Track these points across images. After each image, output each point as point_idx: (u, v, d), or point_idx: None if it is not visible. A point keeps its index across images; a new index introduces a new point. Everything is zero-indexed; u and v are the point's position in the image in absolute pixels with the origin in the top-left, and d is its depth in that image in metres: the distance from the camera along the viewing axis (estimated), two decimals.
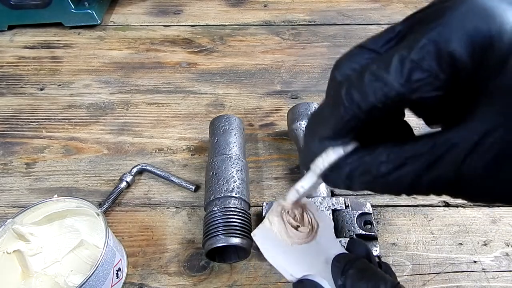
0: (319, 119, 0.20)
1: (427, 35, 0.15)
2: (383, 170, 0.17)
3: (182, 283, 0.39)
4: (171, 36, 0.70)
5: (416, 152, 0.16)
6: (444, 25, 0.15)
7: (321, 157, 0.20)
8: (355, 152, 0.19)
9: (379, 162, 0.18)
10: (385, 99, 0.16)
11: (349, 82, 0.17)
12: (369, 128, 0.19)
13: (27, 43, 0.69)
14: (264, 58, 0.65)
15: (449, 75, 0.15)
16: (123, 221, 0.44)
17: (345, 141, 0.19)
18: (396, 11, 0.74)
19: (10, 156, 0.51)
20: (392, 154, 0.17)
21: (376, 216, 0.44)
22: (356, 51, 0.19)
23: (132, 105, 0.58)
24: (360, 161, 0.18)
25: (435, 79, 0.15)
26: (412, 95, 0.16)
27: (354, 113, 0.17)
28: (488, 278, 0.39)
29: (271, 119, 0.55)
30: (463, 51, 0.15)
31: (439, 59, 0.15)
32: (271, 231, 0.30)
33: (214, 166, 0.42)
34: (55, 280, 0.38)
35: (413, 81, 0.15)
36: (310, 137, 0.21)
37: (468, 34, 0.15)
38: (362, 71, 0.17)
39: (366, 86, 0.16)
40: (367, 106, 0.17)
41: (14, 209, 0.46)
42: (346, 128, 0.18)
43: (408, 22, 0.18)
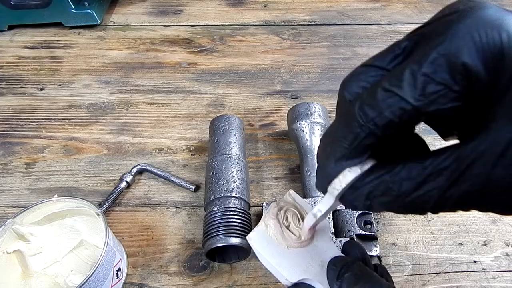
0: (332, 140, 0.20)
1: (436, 49, 0.15)
2: (406, 188, 0.17)
3: (182, 283, 0.39)
4: (171, 36, 0.70)
5: (439, 167, 0.16)
6: (452, 38, 0.15)
7: (338, 179, 0.19)
8: (373, 170, 0.18)
9: (400, 180, 0.17)
10: (401, 114, 0.16)
11: (361, 100, 0.17)
12: (384, 144, 0.18)
13: (27, 43, 0.69)
14: (264, 58, 0.65)
15: (463, 86, 0.15)
16: (123, 221, 0.44)
17: (362, 159, 0.19)
18: (396, 11, 0.74)
19: (10, 156, 0.51)
20: (413, 170, 0.17)
21: (376, 216, 0.44)
22: (362, 69, 0.19)
23: (132, 105, 0.58)
24: (379, 180, 0.18)
25: (450, 91, 0.15)
26: (428, 107, 0.16)
27: (370, 130, 0.17)
28: (488, 278, 0.39)
29: (271, 119, 0.55)
30: (475, 62, 0.15)
31: (452, 71, 0.15)
32: (267, 234, 0.30)
33: (214, 166, 0.42)
34: (55, 280, 0.38)
35: (428, 94, 0.16)
36: (324, 159, 0.20)
37: (478, 45, 0.15)
38: (373, 88, 0.17)
39: (380, 103, 0.16)
40: (383, 121, 0.17)
41: (14, 209, 0.46)
42: (362, 146, 0.18)
43: (413, 38, 0.18)
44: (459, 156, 0.16)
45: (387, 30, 0.70)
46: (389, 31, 0.69)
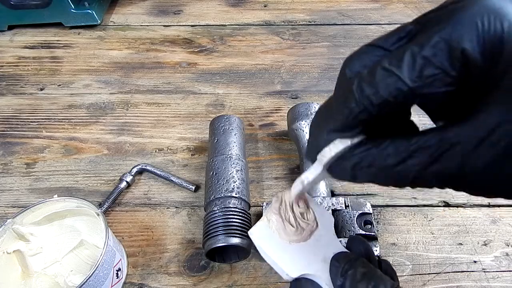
0: (327, 112, 0.21)
1: (439, 33, 0.16)
2: (390, 162, 0.18)
3: (182, 283, 0.39)
4: (171, 36, 0.70)
5: (422, 145, 0.17)
6: (455, 24, 0.16)
7: (329, 147, 0.20)
8: (362, 144, 0.19)
9: (386, 154, 0.18)
10: (397, 94, 0.17)
11: (360, 77, 0.18)
12: (377, 124, 0.19)
13: (27, 43, 0.69)
14: (264, 58, 0.65)
15: (460, 72, 0.16)
16: (123, 221, 0.44)
17: (353, 133, 0.19)
18: (396, 11, 0.74)
19: (10, 156, 0.51)
20: (399, 146, 0.18)
21: (376, 216, 0.44)
22: (366, 49, 0.19)
23: (132, 105, 0.58)
24: (366, 153, 0.19)
25: (446, 75, 0.16)
26: (423, 90, 0.16)
27: (365, 107, 0.18)
28: (488, 278, 0.39)
29: (271, 119, 0.55)
30: (475, 49, 0.15)
31: (451, 56, 0.16)
32: (269, 229, 0.30)
33: (214, 166, 0.42)
34: (55, 280, 0.38)
35: (424, 76, 0.16)
36: (317, 129, 0.21)
37: (479, 32, 0.15)
38: (373, 67, 0.17)
39: (378, 81, 0.17)
40: (379, 100, 0.17)
41: (14, 209, 0.46)
42: (355, 121, 0.19)
43: (419, 22, 0.18)
44: (442, 137, 0.16)
45: (387, 30, 0.69)
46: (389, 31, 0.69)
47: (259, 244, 0.30)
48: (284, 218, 0.30)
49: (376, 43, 0.19)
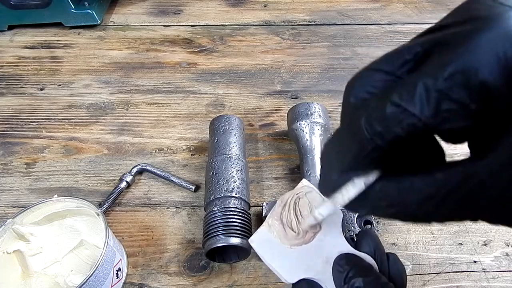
0: (336, 148, 0.19)
1: (454, 63, 0.14)
2: (410, 202, 0.16)
3: (182, 283, 0.39)
4: (171, 36, 0.70)
5: (447, 186, 0.15)
6: (472, 52, 0.14)
7: (341, 193, 0.19)
8: (378, 182, 0.18)
9: (405, 194, 0.16)
10: (411, 130, 0.15)
11: (367, 112, 0.16)
12: (393, 155, 0.17)
13: (27, 43, 0.69)
14: (264, 58, 0.65)
15: (481, 105, 0.14)
16: (123, 221, 0.44)
17: (366, 171, 0.18)
18: (396, 11, 0.74)
19: (10, 156, 0.51)
20: (420, 186, 0.16)
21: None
22: (369, 73, 0.18)
23: (132, 105, 0.58)
24: (383, 193, 0.17)
25: (465, 110, 0.14)
26: (441, 126, 0.15)
27: (376, 145, 0.16)
28: (488, 278, 0.39)
29: (271, 119, 0.55)
30: (498, 80, 0.14)
31: (469, 89, 0.14)
32: (270, 234, 0.30)
33: (214, 166, 0.42)
34: (55, 280, 0.38)
35: (441, 112, 0.14)
36: (328, 167, 0.20)
37: (502, 61, 0.14)
38: (382, 99, 0.16)
39: (389, 117, 0.15)
40: (391, 137, 0.16)
41: (14, 209, 0.46)
42: (367, 159, 0.17)
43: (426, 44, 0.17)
44: (469, 173, 0.15)
45: (387, 30, 0.70)
46: (389, 31, 0.69)
47: (259, 251, 0.30)
48: (285, 223, 0.30)
49: (379, 66, 0.17)
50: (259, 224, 0.39)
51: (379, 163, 0.18)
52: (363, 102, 0.17)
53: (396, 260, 0.28)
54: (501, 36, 0.14)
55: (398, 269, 0.27)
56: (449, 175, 0.15)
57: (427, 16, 0.72)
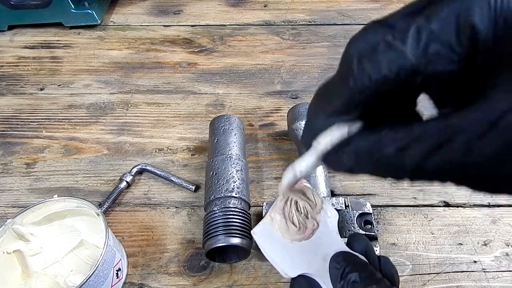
0: (325, 93, 0.19)
1: (447, 6, 0.15)
2: (388, 150, 0.17)
3: (182, 283, 0.39)
4: (171, 36, 0.70)
5: (424, 133, 0.16)
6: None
7: (325, 134, 0.19)
8: (360, 132, 0.18)
9: (384, 142, 0.17)
10: (398, 70, 0.15)
11: (360, 51, 0.17)
12: (378, 109, 0.18)
13: (27, 43, 0.69)
14: (264, 58, 0.65)
15: (468, 49, 0.15)
16: (123, 221, 0.44)
17: (351, 117, 0.18)
18: None
19: (10, 156, 0.51)
20: (398, 133, 0.16)
21: (376, 216, 0.44)
22: (373, 26, 0.18)
23: (132, 105, 0.58)
24: (364, 140, 0.17)
25: (452, 52, 0.15)
26: (427, 67, 0.15)
27: (364, 84, 0.16)
28: (488, 278, 0.39)
29: (271, 119, 0.55)
30: (485, 26, 0.14)
31: (459, 32, 0.14)
32: (272, 228, 0.31)
33: (214, 166, 0.42)
34: (55, 280, 0.38)
35: (429, 53, 0.15)
36: (314, 113, 0.20)
37: (492, 6, 0.14)
38: (377, 42, 0.16)
39: (380, 56, 0.16)
40: (379, 76, 0.16)
41: (14, 209, 0.46)
42: (354, 102, 0.17)
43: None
44: (446, 125, 0.15)
45: None
46: None
47: (261, 243, 0.30)
48: (287, 218, 0.30)
49: (383, 19, 0.18)
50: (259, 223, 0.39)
51: (363, 112, 0.18)
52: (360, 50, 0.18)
53: (387, 261, 0.29)
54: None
55: (390, 270, 0.28)
56: (426, 126, 0.16)
57: None
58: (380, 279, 0.25)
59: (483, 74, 0.15)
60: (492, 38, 0.14)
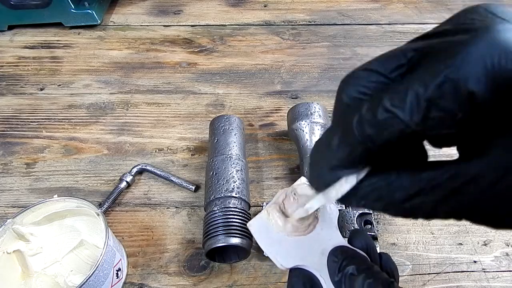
0: (327, 147, 0.20)
1: (444, 72, 0.15)
2: (397, 198, 0.17)
3: (182, 283, 0.39)
4: (171, 36, 0.70)
5: (433, 182, 0.16)
6: (462, 62, 0.15)
7: (334, 188, 0.20)
8: (367, 177, 0.19)
9: (392, 190, 0.17)
10: (400, 135, 0.16)
11: (360, 115, 0.17)
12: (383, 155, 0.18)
13: (27, 43, 0.69)
14: (264, 58, 0.65)
15: (468, 114, 0.15)
16: (123, 221, 0.44)
17: (356, 169, 0.19)
18: (396, 11, 0.74)
19: (10, 156, 0.51)
20: (407, 181, 0.17)
21: (376, 216, 0.44)
22: (363, 73, 0.18)
23: (132, 105, 0.58)
24: (372, 187, 0.18)
25: (452, 118, 0.15)
26: (428, 132, 0.16)
27: (366, 147, 0.17)
28: (488, 278, 0.39)
29: (271, 119, 0.55)
30: (484, 91, 0.14)
31: (457, 98, 0.15)
32: (267, 221, 0.31)
33: (214, 166, 0.42)
34: (55, 280, 0.38)
35: (429, 119, 0.15)
36: (319, 165, 0.20)
37: (489, 72, 0.14)
38: (374, 103, 0.17)
39: (380, 122, 0.16)
40: (381, 141, 0.16)
41: (14, 209, 0.46)
42: (357, 159, 0.18)
43: (420, 49, 0.17)
44: (456, 173, 0.16)
45: (387, 30, 0.70)
46: (389, 31, 0.69)
47: (257, 235, 0.30)
48: (284, 213, 0.30)
49: (373, 67, 0.18)
50: None
51: (369, 162, 0.19)
52: (355, 101, 0.18)
53: (388, 258, 0.29)
54: (489, 48, 0.14)
55: (391, 267, 0.28)
56: (435, 174, 0.16)
57: (427, 16, 0.72)
58: (379, 271, 0.25)
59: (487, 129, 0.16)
60: (491, 101, 0.15)
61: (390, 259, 0.29)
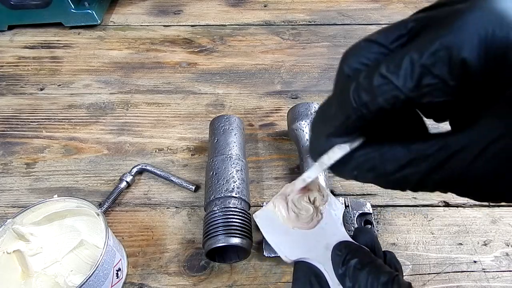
0: (325, 115, 0.20)
1: (439, 40, 0.15)
2: (388, 168, 0.18)
3: (182, 283, 0.39)
4: (171, 36, 0.70)
5: (422, 154, 0.17)
6: (457, 30, 0.15)
7: (327, 155, 0.20)
8: (361, 147, 0.19)
9: (384, 160, 0.18)
10: (394, 102, 0.16)
11: (357, 82, 0.17)
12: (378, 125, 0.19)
13: (27, 43, 0.69)
14: (264, 58, 0.65)
15: (460, 82, 0.15)
16: (123, 221, 0.44)
17: (351, 137, 0.19)
18: (396, 11, 0.74)
19: (10, 156, 0.51)
20: (397, 153, 0.17)
21: (376, 216, 0.44)
22: (365, 44, 0.19)
23: (132, 105, 0.58)
24: (366, 157, 0.19)
25: (445, 85, 0.15)
26: (421, 99, 0.16)
27: (361, 114, 0.17)
28: (488, 278, 0.39)
29: (271, 119, 0.55)
30: (475, 59, 0.15)
31: (451, 66, 0.15)
32: (273, 213, 0.31)
33: (214, 166, 0.42)
34: (55, 280, 0.38)
35: (422, 86, 0.16)
36: (316, 133, 0.21)
37: (482, 41, 0.14)
38: (371, 71, 0.17)
39: (375, 88, 0.16)
40: (375, 107, 0.17)
41: (14, 209, 0.46)
42: (352, 127, 0.18)
43: (420, 19, 0.18)
44: (444, 145, 0.16)
45: None
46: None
47: (262, 226, 0.31)
48: (290, 207, 0.31)
49: (375, 38, 0.18)
50: None
51: (364, 131, 0.19)
52: (356, 72, 0.18)
53: (393, 256, 0.29)
54: (484, 16, 0.15)
55: (395, 265, 0.28)
56: (425, 146, 0.17)
57: None
58: (382, 265, 0.25)
59: (476, 99, 0.16)
60: (483, 72, 0.15)
61: (395, 257, 0.29)
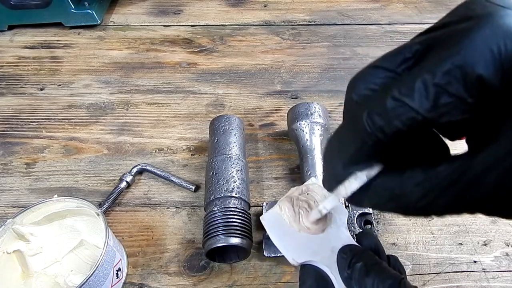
0: (339, 143, 0.20)
1: (451, 59, 0.15)
2: (412, 196, 0.17)
3: (182, 283, 0.39)
4: (171, 36, 0.70)
5: (448, 178, 0.16)
6: (467, 48, 0.15)
7: (343, 185, 0.19)
8: (379, 175, 0.18)
9: (406, 188, 0.17)
10: (410, 124, 0.16)
11: (369, 107, 0.17)
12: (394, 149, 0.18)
13: (27, 43, 0.69)
14: (264, 58, 0.65)
15: (477, 99, 0.15)
16: (123, 221, 0.44)
17: (367, 165, 0.18)
18: (396, 11, 0.74)
19: (10, 156, 0.51)
20: (421, 180, 0.17)
21: (376, 216, 0.44)
22: (371, 70, 0.18)
23: (132, 105, 0.58)
24: (385, 186, 0.18)
25: (462, 103, 0.15)
26: (439, 119, 0.15)
27: (377, 138, 0.17)
28: (488, 278, 0.39)
29: (271, 119, 0.55)
30: (492, 74, 0.14)
31: (466, 83, 0.15)
32: (280, 216, 0.31)
33: (214, 166, 0.42)
34: (55, 280, 0.38)
35: (440, 105, 0.15)
36: (329, 163, 0.20)
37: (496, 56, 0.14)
38: (382, 95, 0.16)
39: (390, 111, 0.16)
40: (391, 130, 0.16)
41: (14, 209, 0.46)
42: (369, 152, 0.18)
43: (425, 41, 0.17)
44: (469, 167, 0.15)
45: (387, 30, 0.70)
46: (389, 31, 0.69)
47: (269, 229, 0.31)
48: (296, 212, 0.31)
49: (380, 64, 0.18)
50: (259, 224, 0.39)
51: (381, 157, 0.18)
52: (365, 98, 0.18)
53: (396, 260, 0.29)
54: (494, 32, 0.15)
55: (399, 269, 0.28)
56: (449, 169, 0.16)
57: (427, 16, 0.72)
58: (388, 268, 0.25)
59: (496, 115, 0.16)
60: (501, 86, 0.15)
61: (398, 261, 0.29)
